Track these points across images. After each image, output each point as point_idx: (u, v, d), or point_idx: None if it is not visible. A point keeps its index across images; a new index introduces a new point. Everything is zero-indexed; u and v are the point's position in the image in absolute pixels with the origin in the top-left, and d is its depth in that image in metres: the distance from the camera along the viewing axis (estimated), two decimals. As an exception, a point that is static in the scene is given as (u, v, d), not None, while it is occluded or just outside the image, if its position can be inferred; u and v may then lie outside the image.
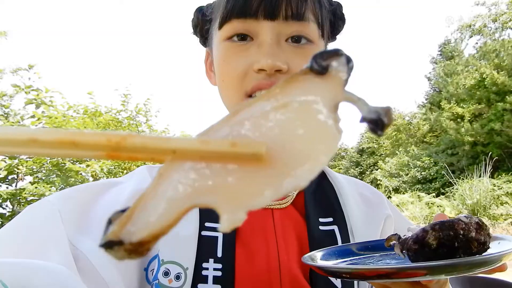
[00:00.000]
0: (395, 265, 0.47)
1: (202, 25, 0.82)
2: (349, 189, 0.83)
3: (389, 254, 0.62)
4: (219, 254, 0.67)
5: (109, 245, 0.24)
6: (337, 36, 0.85)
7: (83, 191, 0.70)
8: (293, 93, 0.28)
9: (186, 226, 0.68)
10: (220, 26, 0.72)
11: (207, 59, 0.86)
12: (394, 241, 0.54)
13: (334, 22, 0.80)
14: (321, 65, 0.28)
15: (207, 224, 0.69)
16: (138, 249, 0.24)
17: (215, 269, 0.66)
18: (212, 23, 0.77)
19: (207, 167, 0.25)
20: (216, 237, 0.68)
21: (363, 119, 0.28)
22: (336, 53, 0.28)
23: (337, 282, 0.69)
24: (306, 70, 0.28)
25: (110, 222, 0.25)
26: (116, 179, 0.76)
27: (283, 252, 0.70)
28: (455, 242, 0.46)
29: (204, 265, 0.66)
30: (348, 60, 0.28)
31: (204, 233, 0.68)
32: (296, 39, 0.70)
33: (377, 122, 0.27)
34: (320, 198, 0.79)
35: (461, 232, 0.46)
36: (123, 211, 0.25)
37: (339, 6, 0.81)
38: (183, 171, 0.25)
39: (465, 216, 0.48)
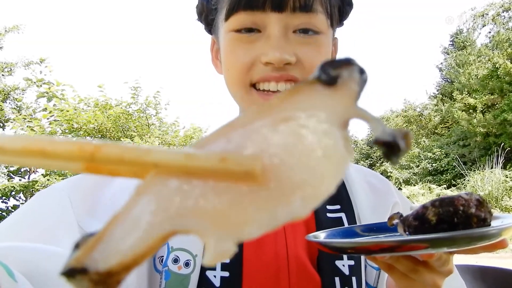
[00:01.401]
0: (398, 238, 0.47)
1: (207, 13, 0.80)
2: (356, 177, 0.83)
3: (393, 235, 0.62)
4: None
5: (70, 273, 0.20)
6: (350, 28, 0.83)
7: (91, 177, 0.70)
8: (296, 106, 0.24)
9: None
10: (227, 17, 0.71)
11: (212, 47, 0.85)
12: (396, 220, 0.54)
13: (342, 8, 0.78)
14: (330, 75, 0.24)
15: None
16: (107, 280, 0.20)
17: None
18: (218, 13, 0.76)
19: (193, 185, 0.22)
20: None
21: (376, 141, 0.24)
22: (348, 62, 0.25)
23: (345, 268, 0.69)
24: (313, 80, 0.25)
25: (77, 246, 0.21)
26: None
27: (291, 239, 0.70)
28: (455, 218, 0.46)
29: None
30: (361, 71, 0.25)
31: None
32: (304, 31, 0.69)
33: (393, 146, 0.23)
34: None
35: (461, 208, 0.46)
36: (92, 234, 0.21)
37: None
38: (164, 189, 0.22)
39: (465, 193, 0.48)
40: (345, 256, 0.70)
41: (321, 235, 0.62)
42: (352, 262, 0.70)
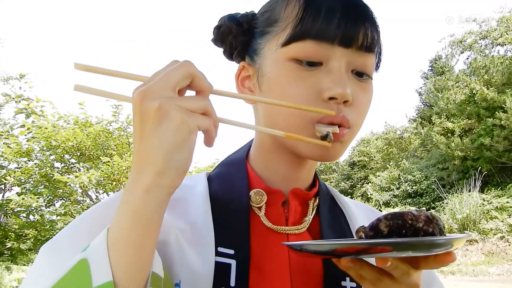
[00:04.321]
0: (367, 240, 0.53)
1: (236, 35, 0.76)
2: (358, 214, 0.83)
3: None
4: (232, 283, 0.64)
5: None
6: None
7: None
8: None
9: (203, 253, 0.65)
10: (287, 43, 0.67)
11: (239, 73, 0.78)
12: (361, 233, 0.57)
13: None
14: None
15: (220, 250, 0.66)
16: None
17: None
18: (262, 35, 0.73)
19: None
20: (229, 264, 0.65)
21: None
22: None
23: None
24: None
25: None
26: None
27: (296, 279, 0.69)
28: (403, 230, 0.51)
29: None
30: None
31: (217, 259, 0.64)
32: (359, 74, 0.68)
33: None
34: (333, 224, 0.79)
35: (409, 222, 0.51)
36: None
37: None
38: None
39: (416, 209, 0.53)
40: None
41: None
42: None
